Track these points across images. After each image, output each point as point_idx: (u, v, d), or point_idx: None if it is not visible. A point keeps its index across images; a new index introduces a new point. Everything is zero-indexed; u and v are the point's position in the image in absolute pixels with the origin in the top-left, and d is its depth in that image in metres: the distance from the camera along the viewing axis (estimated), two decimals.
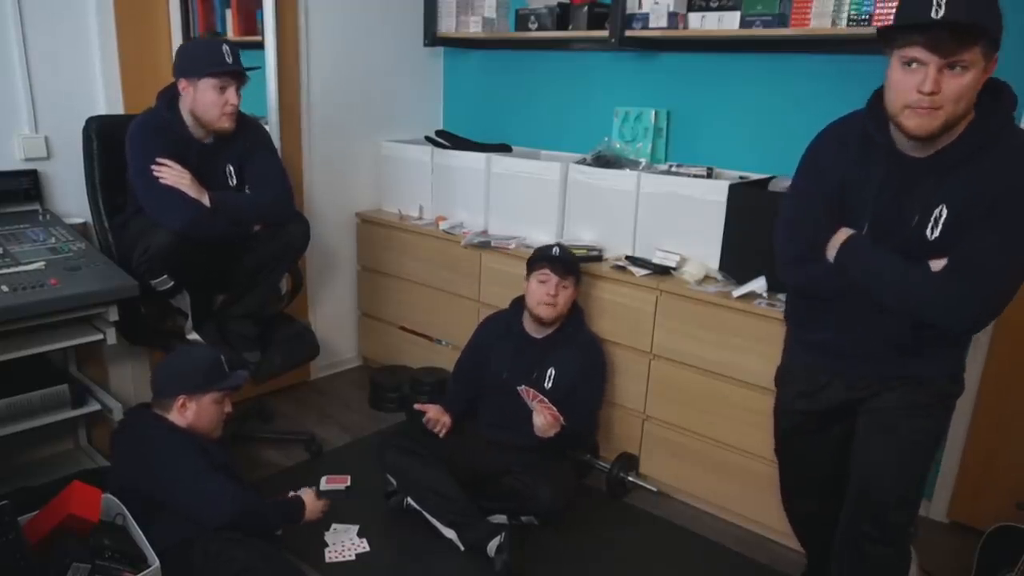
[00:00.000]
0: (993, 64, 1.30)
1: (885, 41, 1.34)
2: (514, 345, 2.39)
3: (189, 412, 1.94)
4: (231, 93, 2.12)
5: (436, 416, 2.34)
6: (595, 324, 2.50)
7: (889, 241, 1.44)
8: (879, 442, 1.56)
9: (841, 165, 1.49)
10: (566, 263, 2.30)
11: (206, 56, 2.09)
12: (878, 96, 1.42)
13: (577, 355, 2.35)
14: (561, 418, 2.16)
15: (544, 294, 2.28)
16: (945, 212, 1.38)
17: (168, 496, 1.83)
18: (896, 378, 1.54)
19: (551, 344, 2.36)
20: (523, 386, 2.21)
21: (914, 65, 1.29)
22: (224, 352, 2.08)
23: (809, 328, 1.65)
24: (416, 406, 2.39)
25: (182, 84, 2.12)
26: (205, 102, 2.11)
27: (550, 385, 2.33)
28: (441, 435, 2.33)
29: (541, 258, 2.32)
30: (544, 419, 2.14)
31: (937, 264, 1.40)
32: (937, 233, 1.39)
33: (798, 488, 1.86)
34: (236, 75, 2.13)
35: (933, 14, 1.22)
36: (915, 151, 1.39)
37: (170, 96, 2.17)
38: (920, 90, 1.27)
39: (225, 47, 2.11)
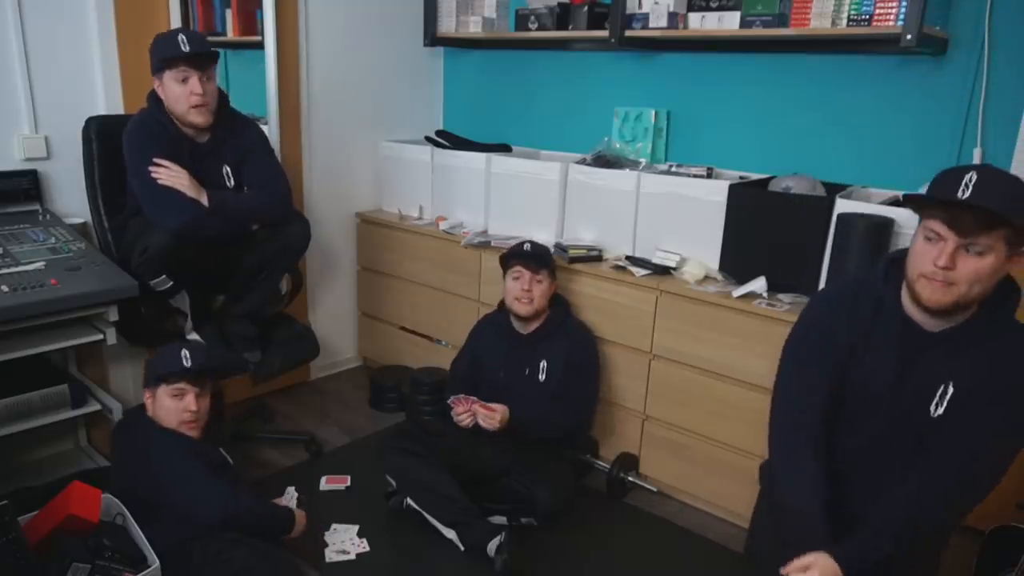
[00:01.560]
0: (1020, 258, 1.30)
1: (913, 210, 1.36)
2: (506, 344, 2.42)
3: (152, 406, 1.95)
4: (193, 83, 2.04)
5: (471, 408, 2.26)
6: (595, 324, 2.50)
7: (890, 415, 1.44)
8: None
9: (849, 330, 1.47)
10: (538, 257, 2.33)
11: (162, 49, 2.04)
12: (892, 262, 1.44)
13: (566, 345, 2.37)
14: (497, 407, 2.19)
15: (519, 289, 2.31)
16: (952, 390, 1.39)
17: (161, 496, 1.83)
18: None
19: (540, 338, 2.38)
20: (451, 398, 2.25)
21: (934, 239, 1.30)
22: (223, 351, 2.08)
23: None
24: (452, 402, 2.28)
25: (156, 84, 2.11)
26: (172, 96, 2.07)
27: (544, 378, 2.35)
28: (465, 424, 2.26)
29: (513, 255, 2.36)
30: (481, 418, 2.18)
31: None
32: (941, 411, 1.40)
33: None
34: (196, 64, 2.04)
35: (959, 194, 1.24)
36: (927, 324, 1.40)
37: (157, 96, 2.14)
38: (936, 263, 1.28)
39: (181, 36, 2.03)
